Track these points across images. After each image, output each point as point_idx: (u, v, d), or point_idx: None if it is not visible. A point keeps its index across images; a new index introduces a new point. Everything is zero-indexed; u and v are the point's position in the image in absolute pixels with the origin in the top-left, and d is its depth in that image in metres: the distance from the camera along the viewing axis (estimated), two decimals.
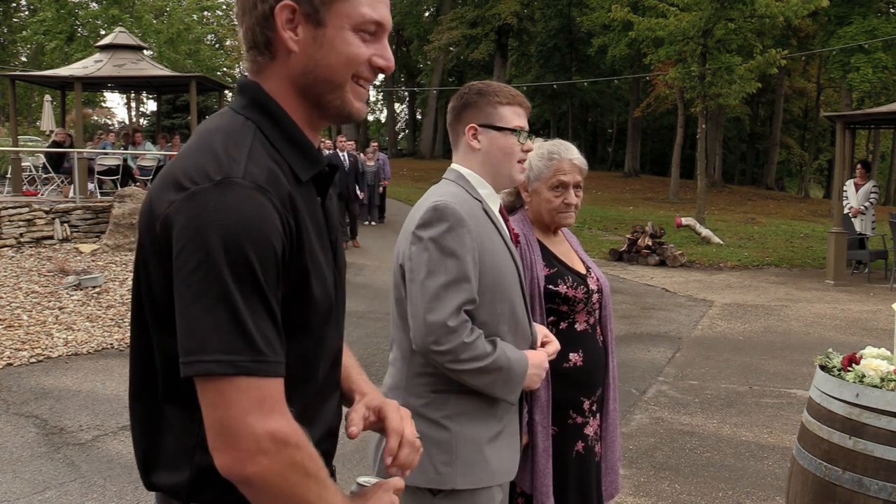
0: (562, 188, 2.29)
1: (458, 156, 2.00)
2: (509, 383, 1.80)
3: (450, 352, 1.71)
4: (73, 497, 3.79)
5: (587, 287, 2.30)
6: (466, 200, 1.85)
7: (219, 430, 1.06)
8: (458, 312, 1.71)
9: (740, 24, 15.80)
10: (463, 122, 1.96)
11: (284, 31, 1.17)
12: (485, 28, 29.26)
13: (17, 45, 36.76)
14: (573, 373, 2.23)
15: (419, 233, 1.78)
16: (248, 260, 1.04)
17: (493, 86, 1.98)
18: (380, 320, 7.87)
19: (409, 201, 20.37)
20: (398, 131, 53.60)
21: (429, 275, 1.73)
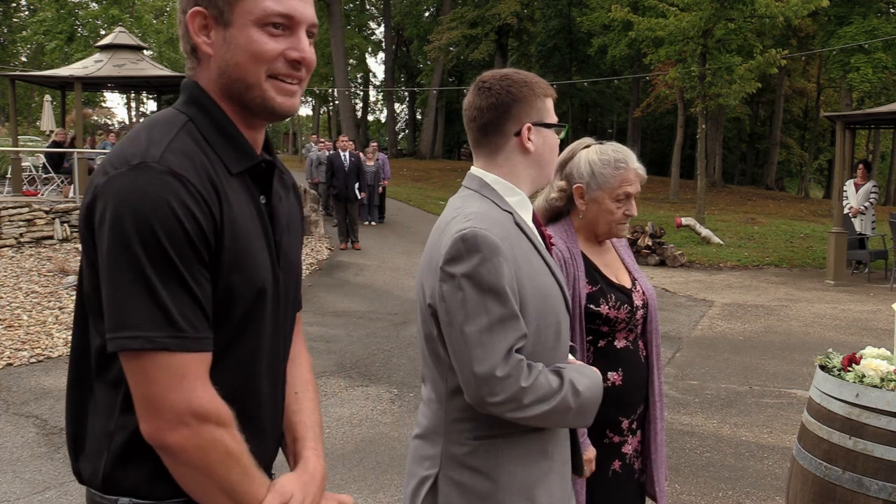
0: (625, 199, 2.16)
1: (487, 160, 1.70)
2: (583, 413, 1.61)
3: (509, 401, 1.49)
4: (73, 497, 3.79)
5: (631, 305, 2.17)
6: (496, 219, 1.59)
7: (143, 402, 1.11)
8: (507, 356, 1.49)
9: (740, 24, 15.80)
10: (512, 121, 1.65)
11: (197, 37, 1.21)
12: (485, 28, 29.25)
13: (17, 45, 36.74)
14: (611, 392, 2.10)
15: (449, 269, 1.52)
16: (159, 239, 1.08)
17: (529, 75, 1.72)
18: (380, 320, 7.87)
19: (409, 201, 20.38)
20: (398, 131, 53.58)
21: (467, 319, 1.50)
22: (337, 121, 43.28)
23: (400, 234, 14.72)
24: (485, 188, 1.67)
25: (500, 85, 1.65)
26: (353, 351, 6.67)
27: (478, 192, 1.66)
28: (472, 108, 1.68)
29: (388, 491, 3.93)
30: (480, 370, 1.48)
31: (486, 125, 1.67)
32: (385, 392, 5.55)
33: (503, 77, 1.67)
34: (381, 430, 4.79)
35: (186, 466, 1.13)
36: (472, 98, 1.69)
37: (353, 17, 46.10)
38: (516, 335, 1.51)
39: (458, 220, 1.58)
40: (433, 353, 1.64)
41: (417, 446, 1.71)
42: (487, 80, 1.68)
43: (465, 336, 1.50)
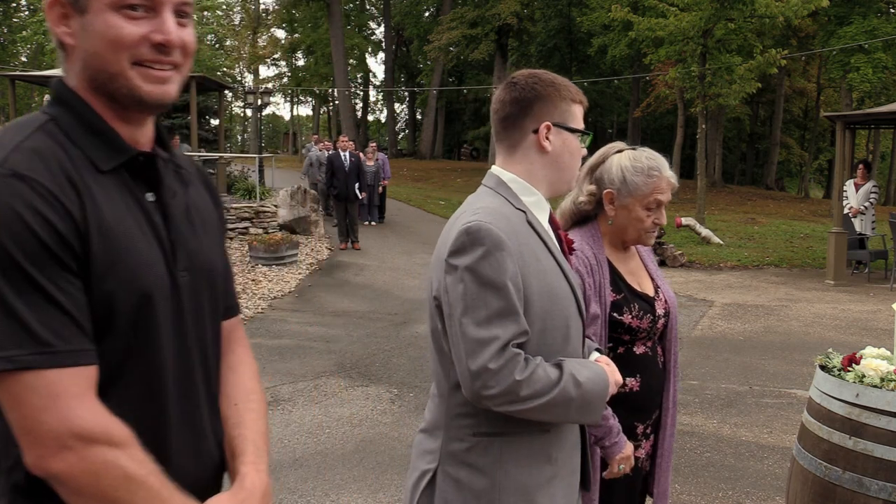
0: (655, 208, 2.12)
1: (506, 157, 1.70)
2: (587, 407, 1.57)
3: (503, 394, 1.47)
4: None
5: (653, 314, 2.16)
6: (506, 215, 1.58)
7: (19, 429, 1.01)
8: (503, 350, 1.47)
9: (740, 24, 15.80)
10: (532, 117, 1.64)
11: (57, 28, 1.13)
12: (485, 28, 29.23)
13: (17, 45, 36.74)
14: (628, 398, 2.10)
15: (452, 261, 1.53)
16: (7, 250, 0.99)
17: (561, 78, 1.69)
18: (380, 320, 7.87)
19: (409, 201, 20.38)
20: (398, 131, 53.57)
21: (466, 311, 1.49)
22: (337, 121, 43.26)
23: (400, 234, 14.72)
24: (500, 186, 1.66)
25: (525, 81, 1.66)
26: (353, 351, 6.67)
27: (493, 190, 1.66)
28: (496, 101, 1.69)
29: (388, 491, 3.93)
30: (475, 363, 1.47)
31: (506, 118, 1.67)
32: (385, 392, 5.55)
33: (531, 75, 1.68)
34: (381, 430, 4.79)
35: (80, 496, 1.02)
36: (499, 92, 1.70)
37: (353, 17, 46.10)
38: (515, 330, 1.49)
39: (467, 214, 1.58)
40: (438, 347, 1.63)
41: (421, 440, 1.72)
42: (516, 76, 1.69)
43: (463, 328, 1.49)
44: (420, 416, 5.02)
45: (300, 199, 13.64)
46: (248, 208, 12.76)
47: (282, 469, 4.16)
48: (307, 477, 4.07)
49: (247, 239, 11.74)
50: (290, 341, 7.00)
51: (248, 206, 12.84)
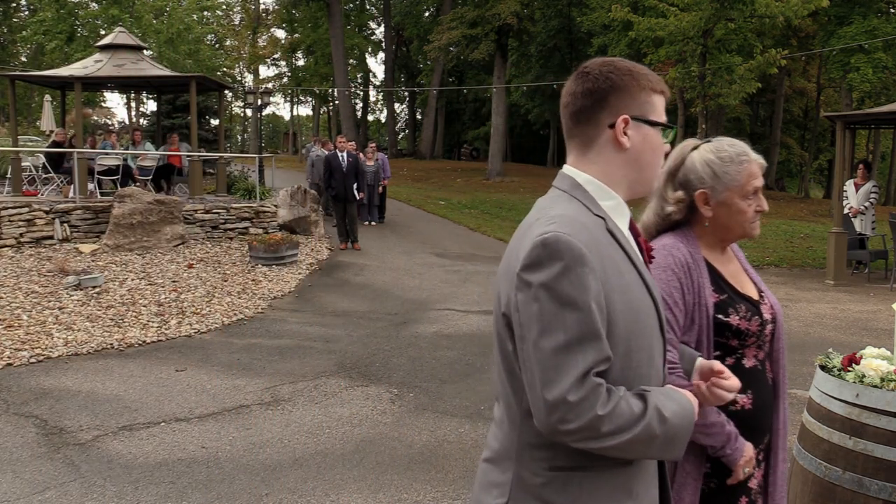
0: (754, 195, 1.97)
1: (579, 156, 1.52)
2: (671, 444, 1.41)
3: (583, 430, 1.32)
4: (73, 497, 3.79)
5: (761, 317, 1.98)
6: (585, 224, 1.41)
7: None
8: (583, 379, 1.31)
9: (740, 24, 15.81)
10: (608, 111, 1.47)
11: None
12: (485, 28, 29.20)
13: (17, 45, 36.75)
14: (740, 417, 1.91)
15: (526, 276, 1.36)
16: None
17: (640, 66, 1.53)
18: (380, 320, 7.87)
19: (409, 201, 20.37)
20: (398, 131, 53.57)
21: (542, 334, 1.33)
22: (337, 121, 43.25)
23: (400, 234, 14.71)
24: (576, 189, 1.49)
25: (599, 70, 1.49)
26: (353, 351, 6.67)
27: (567, 193, 1.49)
28: (567, 94, 1.52)
29: (388, 491, 3.92)
30: (551, 394, 1.31)
31: (577, 112, 1.50)
32: (385, 392, 5.54)
33: (606, 63, 1.50)
34: (381, 430, 4.79)
35: None
36: (569, 83, 1.53)
37: (353, 17, 46.09)
38: (597, 357, 1.34)
39: (542, 222, 1.41)
40: (507, 369, 1.47)
41: (486, 471, 1.54)
42: (588, 66, 1.52)
43: (538, 353, 1.33)
44: (420, 416, 5.02)
45: (300, 199, 13.63)
46: (248, 208, 12.75)
47: (282, 469, 4.16)
48: (307, 477, 4.07)
49: (247, 239, 11.74)
50: (290, 341, 6.99)
51: (248, 206, 12.84)
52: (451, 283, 9.93)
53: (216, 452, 4.38)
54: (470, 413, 5.12)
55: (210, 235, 12.25)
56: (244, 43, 51.11)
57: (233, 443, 4.53)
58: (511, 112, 40.31)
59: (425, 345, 6.90)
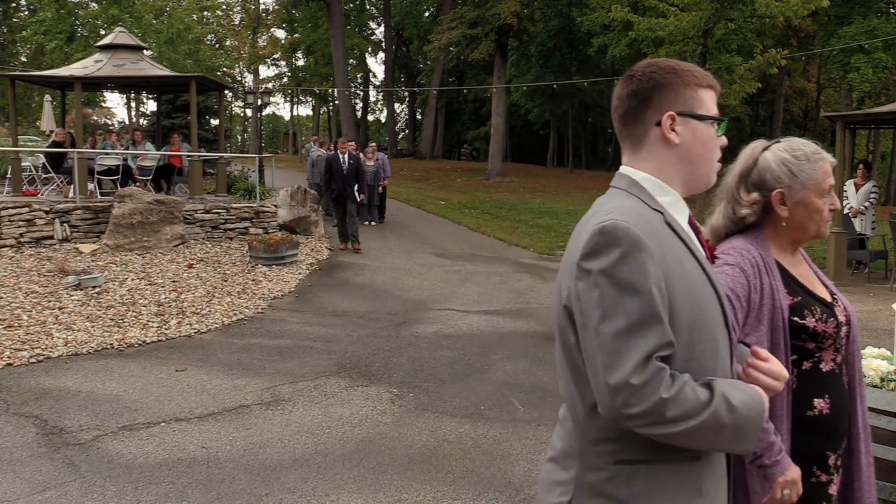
0: (829, 193, 1.96)
1: (632, 155, 1.55)
2: (740, 435, 1.37)
3: (647, 414, 1.30)
4: (73, 497, 3.79)
5: (836, 319, 1.93)
6: (643, 215, 1.42)
7: None
8: (645, 363, 1.31)
9: (740, 24, 15.81)
10: (653, 109, 1.50)
11: None
12: (485, 28, 29.21)
13: (17, 45, 36.74)
14: (819, 422, 1.87)
15: (585, 264, 1.37)
16: None
17: (684, 64, 1.56)
18: (380, 320, 7.87)
19: (408, 201, 20.37)
20: (398, 131, 53.58)
21: (603, 319, 1.33)
22: (337, 121, 43.27)
23: (400, 234, 14.71)
24: (633, 186, 1.51)
25: (642, 72, 1.53)
26: (353, 351, 6.67)
27: (625, 191, 1.51)
28: (615, 98, 1.57)
29: (387, 491, 3.93)
30: (614, 378, 1.31)
31: (625, 114, 1.54)
32: (385, 392, 5.54)
33: (649, 64, 1.54)
34: (381, 430, 4.79)
35: None
36: (617, 88, 1.57)
37: (353, 17, 46.10)
38: (659, 341, 1.33)
39: (599, 214, 1.43)
40: (570, 363, 1.46)
41: (549, 470, 1.53)
42: (634, 69, 1.56)
43: (599, 339, 1.34)
44: (420, 416, 5.02)
45: (300, 199, 13.63)
46: (248, 208, 12.75)
47: (282, 469, 4.16)
48: (307, 477, 4.07)
49: (247, 239, 11.74)
50: (290, 341, 6.99)
51: (248, 206, 12.84)
52: (451, 283, 9.93)
53: (216, 452, 4.38)
54: (470, 413, 5.12)
55: (210, 235, 12.25)
56: (244, 43, 51.12)
57: (233, 443, 4.53)
58: (511, 112, 40.31)
59: (425, 345, 6.90)
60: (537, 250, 13.36)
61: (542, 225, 17.35)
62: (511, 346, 6.88)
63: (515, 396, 5.47)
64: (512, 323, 7.82)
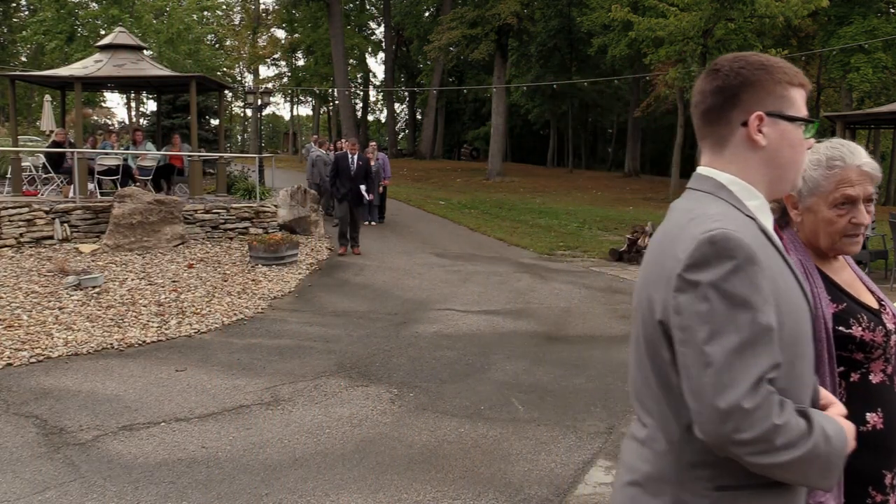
0: (848, 204, 1.79)
1: (714, 156, 1.45)
2: (829, 468, 1.30)
3: (757, 441, 1.22)
4: (73, 497, 3.79)
5: (885, 327, 1.80)
6: (744, 223, 1.34)
7: None
8: (757, 386, 1.22)
9: (740, 24, 15.81)
10: (740, 108, 1.40)
11: None
12: (485, 28, 29.23)
13: (17, 45, 36.76)
14: (872, 438, 1.74)
15: (691, 276, 1.27)
16: None
17: (774, 59, 1.45)
18: (380, 320, 7.87)
19: (409, 201, 20.37)
20: (398, 131, 53.58)
21: (712, 336, 1.24)
22: (337, 121, 43.28)
23: (400, 234, 14.72)
24: (720, 190, 1.41)
25: (730, 66, 1.42)
26: (353, 351, 6.67)
27: (711, 195, 1.41)
28: (697, 93, 1.47)
29: (387, 491, 3.93)
30: (724, 401, 1.22)
31: (708, 111, 1.44)
32: (385, 392, 5.54)
33: (737, 58, 1.44)
34: (381, 430, 4.79)
35: None
36: (699, 81, 1.47)
37: (353, 17, 46.10)
38: (770, 362, 1.25)
39: (700, 220, 1.32)
40: (663, 381, 1.37)
41: (635, 496, 1.42)
42: (719, 62, 1.46)
43: (707, 357, 1.24)
44: (420, 416, 5.02)
45: (300, 199, 13.64)
46: (248, 208, 12.76)
47: (282, 469, 4.16)
48: (307, 477, 4.08)
49: (247, 239, 11.74)
50: (290, 341, 6.99)
51: (248, 206, 12.84)
52: (451, 283, 9.93)
53: (216, 452, 4.38)
54: (470, 413, 5.12)
55: (210, 235, 12.25)
56: (244, 43, 51.12)
57: (233, 443, 4.53)
58: (511, 112, 40.31)
59: (425, 345, 6.90)
60: (537, 250, 13.37)
61: (542, 225, 17.35)
62: (511, 346, 6.88)
63: (515, 396, 5.47)
64: (512, 323, 7.82)
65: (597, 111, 45.26)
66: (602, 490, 3.99)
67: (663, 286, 1.33)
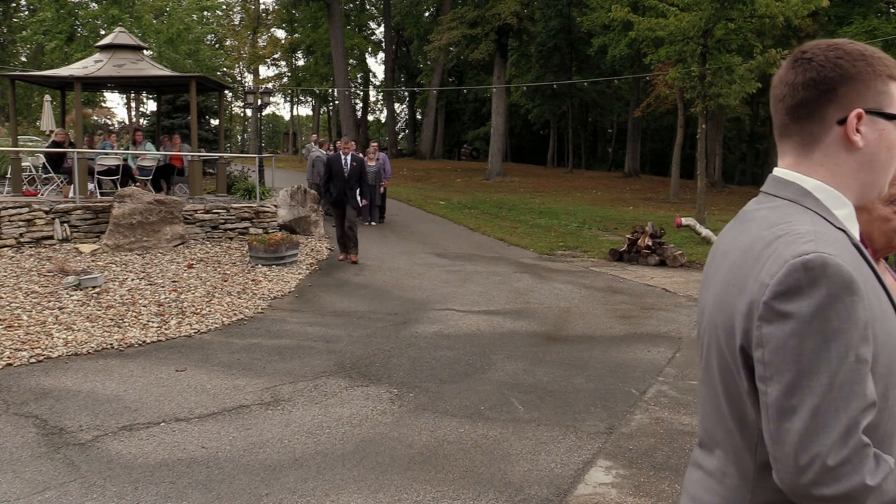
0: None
1: (800, 157, 1.29)
2: None
3: (842, 498, 1.09)
4: (73, 497, 3.79)
5: None
6: (839, 242, 1.18)
7: None
8: (847, 436, 1.08)
9: (740, 24, 15.80)
10: (837, 104, 1.24)
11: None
12: (485, 28, 29.24)
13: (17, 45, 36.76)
14: None
15: (780, 306, 1.12)
16: None
17: (871, 49, 1.28)
18: (380, 320, 7.87)
19: (409, 201, 20.37)
20: (398, 131, 53.56)
21: (799, 377, 1.10)
22: (337, 121, 43.29)
23: (400, 234, 14.72)
24: (805, 197, 1.25)
25: (824, 56, 1.25)
26: (353, 351, 6.67)
27: (796, 203, 1.25)
28: (782, 85, 1.28)
29: (388, 491, 3.93)
30: (807, 453, 1.09)
31: (797, 107, 1.26)
32: (385, 392, 5.54)
33: (832, 47, 1.26)
34: (381, 430, 4.79)
35: None
36: (784, 72, 1.29)
37: (353, 17, 46.12)
38: (862, 404, 1.10)
39: (790, 240, 1.16)
40: (738, 414, 1.24)
41: None
42: (809, 50, 1.27)
43: (790, 400, 1.10)
44: (420, 416, 5.02)
45: (300, 200, 13.64)
46: (248, 208, 12.76)
47: (282, 469, 4.16)
48: (307, 477, 4.08)
49: (247, 239, 11.74)
50: (290, 341, 6.99)
51: (248, 206, 12.84)
52: (451, 283, 9.93)
53: (216, 452, 4.38)
54: (470, 413, 5.12)
55: (210, 235, 12.25)
56: (244, 43, 51.13)
57: (233, 443, 4.53)
58: (511, 112, 40.32)
59: (425, 345, 6.90)
60: (537, 250, 13.37)
61: (542, 225, 17.35)
62: (511, 346, 6.88)
63: (515, 396, 5.47)
64: (512, 323, 7.82)
65: (597, 111, 45.26)
66: (602, 490, 3.99)
67: (744, 312, 1.19)
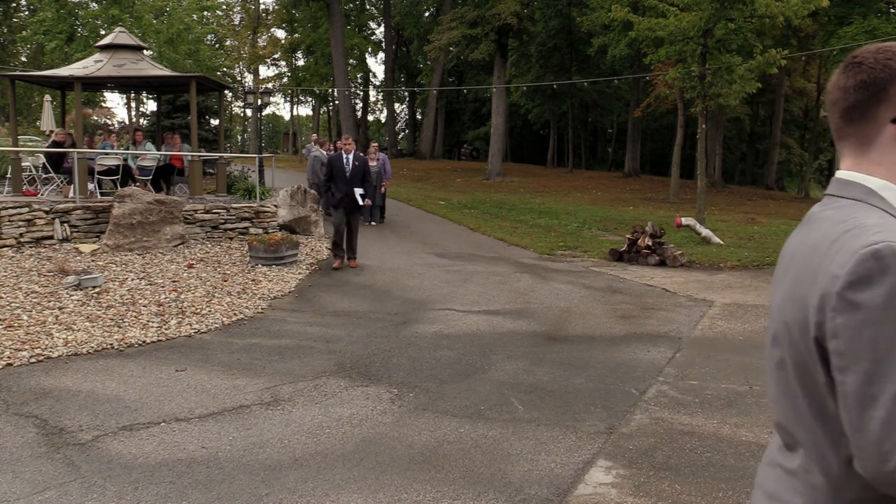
0: None
1: (858, 158, 1.34)
2: None
3: None
4: (73, 497, 3.79)
5: None
6: None
7: None
8: None
9: (740, 24, 15.79)
10: (889, 103, 1.29)
11: None
12: (485, 28, 29.24)
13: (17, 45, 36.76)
14: None
15: (852, 296, 1.16)
16: None
17: None
18: (380, 320, 7.87)
19: (409, 201, 20.37)
20: (398, 131, 53.56)
21: (876, 366, 1.13)
22: (337, 121, 43.29)
23: (400, 234, 14.72)
24: (870, 196, 1.29)
25: (874, 58, 1.31)
26: (353, 351, 6.67)
27: (862, 202, 1.29)
28: (836, 89, 1.35)
29: (388, 491, 3.93)
30: (889, 439, 1.11)
31: (850, 109, 1.32)
32: (385, 392, 5.54)
33: (881, 50, 1.32)
34: (381, 430, 4.79)
35: None
36: (836, 77, 1.36)
37: (353, 17, 46.12)
38: None
39: (859, 232, 1.20)
40: (818, 409, 1.26)
41: None
42: (859, 55, 1.34)
43: (870, 388, 1.13)
44: (420, 416, 5.02)
45: (300, 200, 13.64)
46: (248, 208, 12.76)
47: (282, 469, 4.16)
48: (307, 477, 4.08)
49: (247, 239, 11.74)
50: (290, 341, 6.99)
51: (248, 206, 12.84)
52: (451, 283, 9.93)
53: (216, 452, 4.38)
54: (470, 413, 5.12)
55: (210, 235, 12.25)
56: (244, 43, 51.13)
57: (233, 443, 4.53)
58: (511, 112, 40.31)
59: (425, 345, 6.90)
60: (537, 250, 13.37)
61: (542, 225, 17.35)
62: (511, 345, 6.88)
63: (515, 396, 5.47)
64: (512, 323, 7.82)
65: (597, 111, 45.27)
66: (602, 490, 3.99)
67: (816, 305, 1.22)
